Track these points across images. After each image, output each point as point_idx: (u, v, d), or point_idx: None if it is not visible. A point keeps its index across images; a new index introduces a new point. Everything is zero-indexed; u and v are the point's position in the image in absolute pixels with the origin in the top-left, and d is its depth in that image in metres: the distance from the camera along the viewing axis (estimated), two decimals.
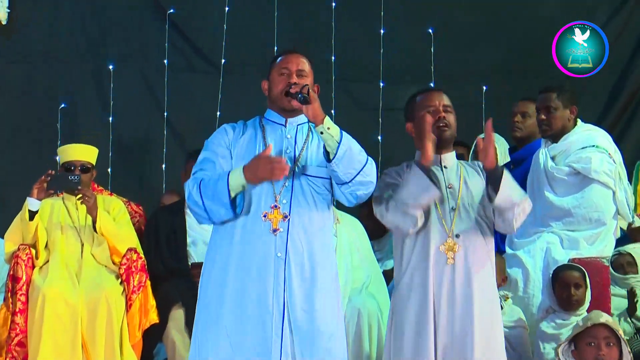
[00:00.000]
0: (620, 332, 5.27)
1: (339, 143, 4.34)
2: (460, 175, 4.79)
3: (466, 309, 4.61)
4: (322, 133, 4.34)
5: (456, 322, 4.61)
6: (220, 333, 4.39)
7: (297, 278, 4.40)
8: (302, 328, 4.39)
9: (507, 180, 4.59)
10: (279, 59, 4.61)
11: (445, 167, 4.79)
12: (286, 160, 4.35)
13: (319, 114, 4.34)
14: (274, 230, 4.41)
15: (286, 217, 4.41)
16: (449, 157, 4.83)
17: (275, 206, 4.43)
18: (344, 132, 4.40)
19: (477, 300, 4.63)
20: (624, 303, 6.41)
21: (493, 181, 4.58)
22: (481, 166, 4.80)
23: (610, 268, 6.50)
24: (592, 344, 5.22)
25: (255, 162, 4.33)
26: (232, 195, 4.34)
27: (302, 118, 4.58)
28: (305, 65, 4.58)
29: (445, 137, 4.76)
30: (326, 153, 4.40)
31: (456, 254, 4.65)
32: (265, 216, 4.41)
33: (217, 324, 4.40)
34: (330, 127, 4.34)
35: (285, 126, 4.58)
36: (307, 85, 4.40)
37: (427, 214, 4.67)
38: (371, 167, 4.49)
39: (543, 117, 6.44)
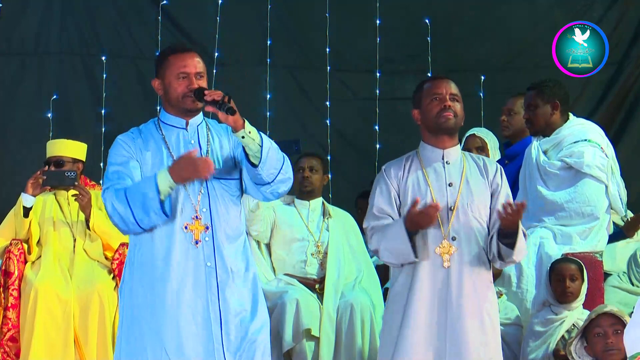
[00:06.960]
0: (627, 319, 5.22)
1: (261, 145, 4.25)
2: (462, 172, 4.69)
3: (459, 312, 4.56)
4: (243, 137, 4.24)
5: (449, 325, 4.55)
6: (158, 346, 4.30)
7: (228, 285, 4.34)
8: (239, 332, 4.35)
9: (522, 243, 4.58)
10: (172, 57, 4.44)
11: (447, 162, 4.69)
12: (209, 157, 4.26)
13: (239, 119, 4.22)
14: (196, 242, 4.33)
15: (207, 228, 4.33)
16: (453, 152, 4.72)
17: (197, 217, 4.35)
18: (261, 132, 4.31)
19: (470, 303, 4.57)
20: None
21: (506, 236, 4.56)
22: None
23: None
24: (600, 334, 5.18)
25: (178, 163, 4.23)
26: (162, 198, 4.22)
27: (199, 118, 4.49)
28: (201, 65, 4.44)
29: (449, 125, 4.66)
30: (246, 156, 4.30)
31: (451, 256, 4.58)
32: (186, 227, 4.33)
33: (156, 335, 4.31)
34: (250, 130, 4.24)
35: (186, 129, 4.45)
36: (228, 94, 4.25)
37: None
38: (288, 164, 4.41)
39: (526, 115, 6.44)
